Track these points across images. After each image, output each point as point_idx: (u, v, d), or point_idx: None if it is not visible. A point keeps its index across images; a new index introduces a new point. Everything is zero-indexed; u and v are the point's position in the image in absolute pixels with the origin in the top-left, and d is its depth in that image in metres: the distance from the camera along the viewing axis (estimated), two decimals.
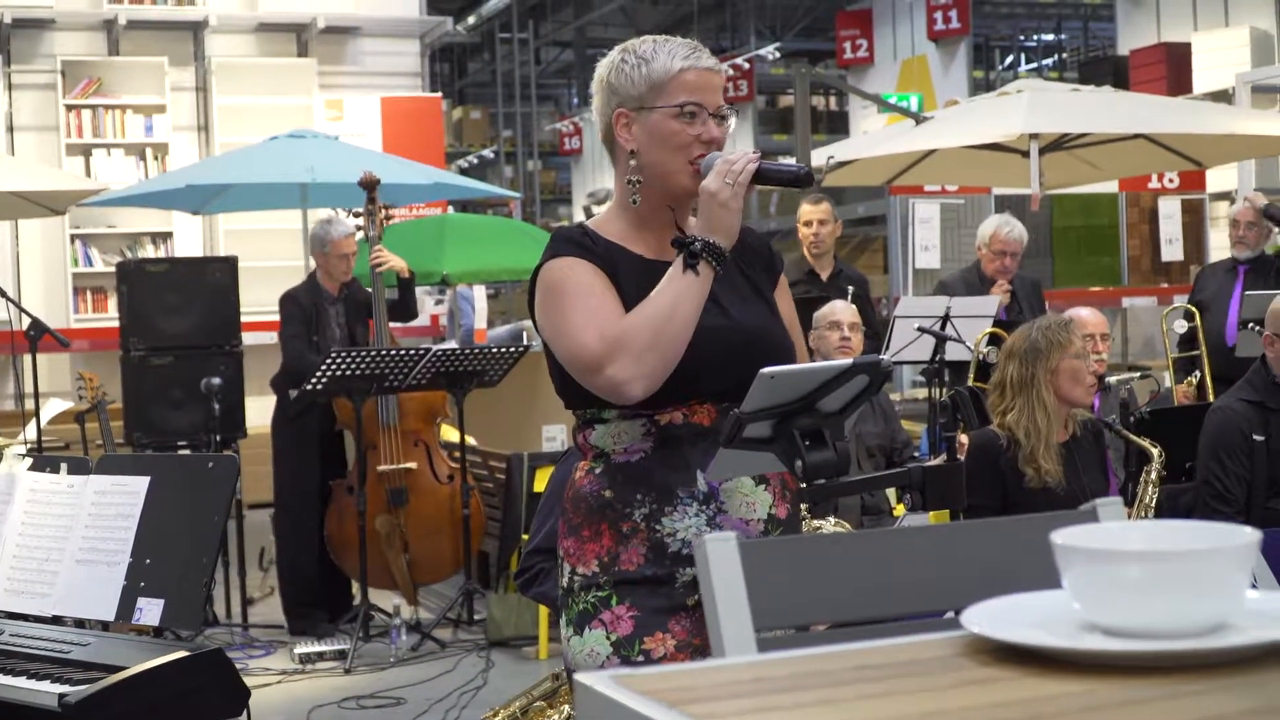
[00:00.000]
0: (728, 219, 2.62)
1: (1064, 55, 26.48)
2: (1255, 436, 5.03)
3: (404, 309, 7.65)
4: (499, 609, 7.08)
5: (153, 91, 12.41)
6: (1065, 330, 4.97)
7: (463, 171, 22.58)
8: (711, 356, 2.66)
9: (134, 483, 3.70)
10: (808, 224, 7.86)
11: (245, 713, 3.43)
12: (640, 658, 2.62)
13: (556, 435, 8.00)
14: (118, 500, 3.69)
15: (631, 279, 2.69)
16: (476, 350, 7.42)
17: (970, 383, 6.40)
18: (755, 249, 2.90)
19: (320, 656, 6.85)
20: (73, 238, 12.22)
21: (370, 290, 7.54)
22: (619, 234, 2.77)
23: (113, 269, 9.78)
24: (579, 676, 1.33)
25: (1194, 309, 7.99)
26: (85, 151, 12.30)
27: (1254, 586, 1.51)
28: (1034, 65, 27.05)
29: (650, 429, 2.68)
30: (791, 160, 2.27)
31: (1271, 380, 5.08)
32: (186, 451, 7.60)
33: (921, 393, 8.96)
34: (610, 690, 1.28)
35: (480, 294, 13.14)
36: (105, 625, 3.74)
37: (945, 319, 6.73)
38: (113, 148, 12.33)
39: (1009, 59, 27.61)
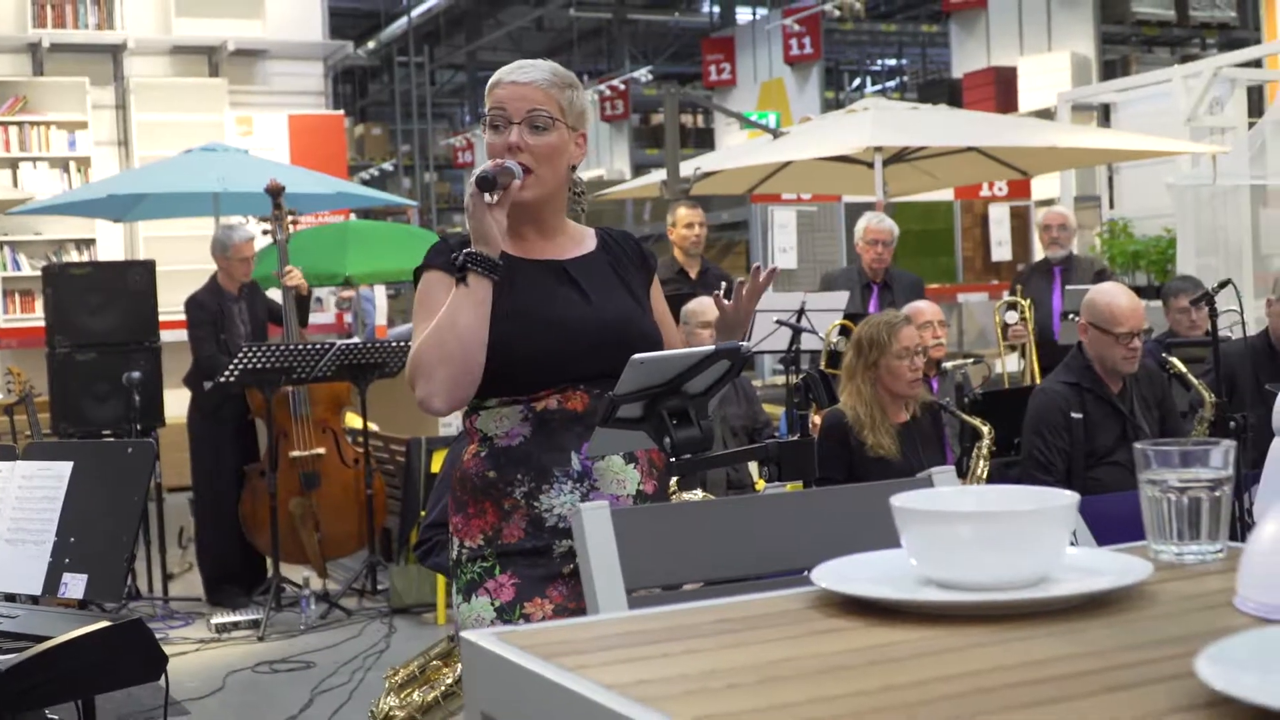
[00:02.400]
0: (475, 227, 2.59)
1: (905, 78, 26.77)
2: (1073, 414, 5.10)
3: (299, 319, 7.59)
4: (400, 579, 7.03)
5: (75, 109, 12.18)
6: (890, 332, 5.05)
7: (364, 183, 22.36)
8: (576, 343, 2.66)
9: (58, 467, 3.63)
10: (689, 226, 7.84)
11: (164, 677, 3.36)
12: (521, 621, 2.61)
13: (452, 421, 7.94)
14: (43, 484, 3.62)
15: (514, 277, 2.68)
16: (377, 344, 7.37)
17: (822, 368, 6.45)
18: (624, 248, 2.88)
19: (235, 626, 6.76)
20: (1, 244, 11.96)
21: (270, 291, 7.47)
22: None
23: (39, 272, 9.60)
24: (465, 634, 1.32)
25: (1022, 301, 8.10)
26: (12, 164, 12.04)
27: (1074, 544, 1.53)
28: (879, 87, 27.34)
29: (527, 415, 2.67)
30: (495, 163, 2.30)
31: (1087, 364, 5.16)
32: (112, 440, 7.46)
33: (780, 379, 9.01)
34: (493, 646, 1.28)
35: (381, 294, 13.03)
36: (35, 599, 3.66)
37: (800, 312, 6.76)
38: (38, 161, 12.10)
39: (856, 81, 27.91)
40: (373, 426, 7.62)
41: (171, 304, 9.50)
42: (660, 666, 1.20)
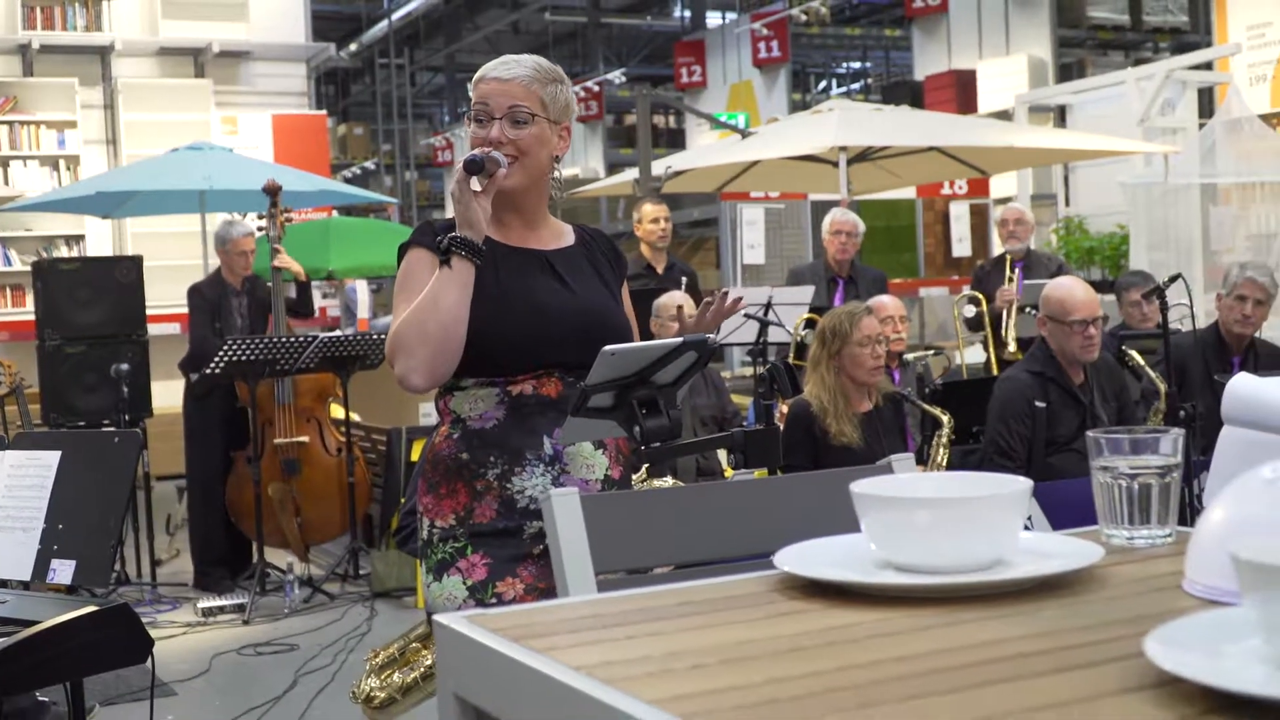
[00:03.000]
0: (461, 212, 2.59)
1: (869, 80, 26.80)
2: (1037, 403, 5.11)
3: (303, 306, 7.56)
4: (381, 564, 7.01)
5: (64, 109, 12.12)
6: (851, 321, 5.08)
7: (346, 181, 22.28)
8: (556, 329, 2.65)
9: (46, 456, 3.60)
10: (655, 221, 7.81)
11: (150, 660, 3.34)
12: (493, 600, 2.60)
13: (431, 411, 7.92)
14: (32, 472, 3.59)
15: (498, 262, 2.67)
16: (358, 337, 7.35)
17: (790, 360, 6.46)
18: (603, 248, 2.89)
19: (221, 610, 6.72)
20: None
21: (271, 286, 7.44)
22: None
23: (29, 268, 9.53)
24: (437, 617, 1.31)
25: (980, 296, 8.12)
26: (3, 163, 11.97)
27: (1029, 528, 1.53)
28: (844, 89, 27.37)
29: (503, 398, 2.65)
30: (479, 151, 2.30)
31: (1050, 354, 5.18)
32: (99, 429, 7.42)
33: (749, 370, 9.01)
34: (465, 629, 1.27)
35: (363, 288, 13.00)
36: (25, 585, 3.64)
37: (768, 306, 6.76)
38: (28, 159, 12.03)
39: (822, 83, 27.94)
40: (355, 416, 7.60)
41: (158, 298, 9.48)
42: (626, 648, 1.19)
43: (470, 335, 2.58)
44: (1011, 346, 7.87)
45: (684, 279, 7.48)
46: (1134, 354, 5.67)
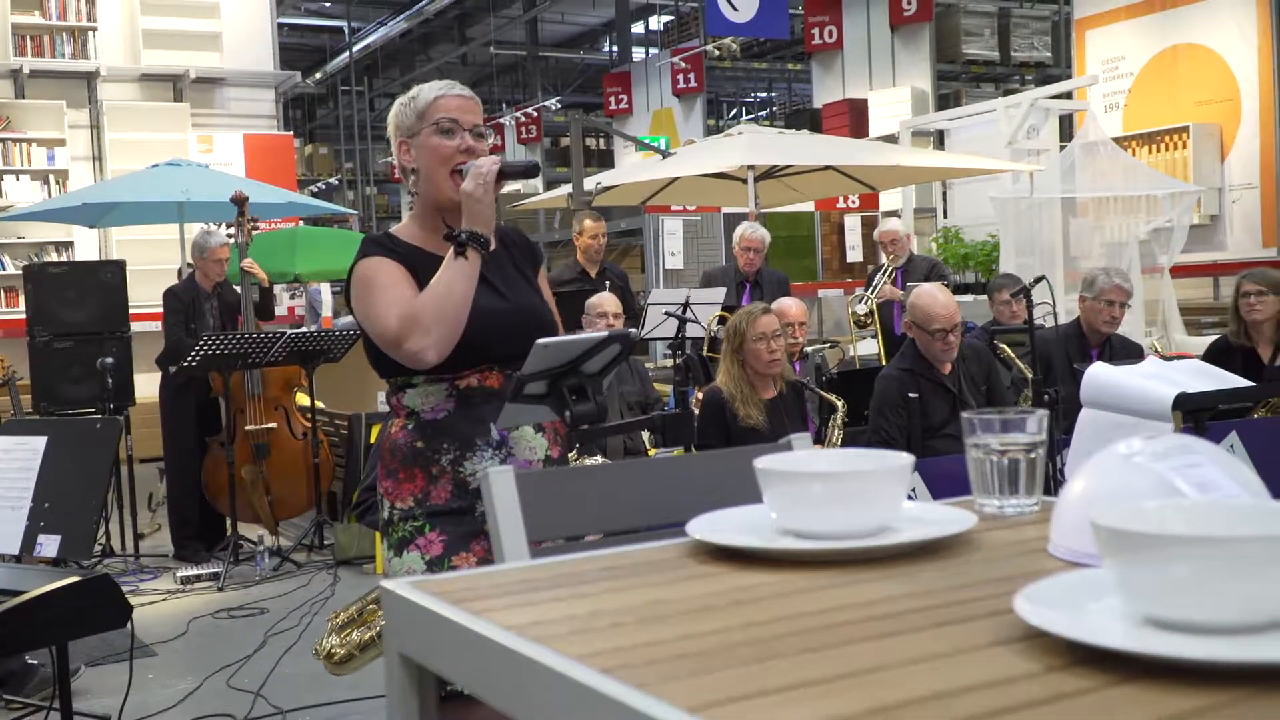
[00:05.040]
0: (484, 212, 2.55)
1: (774, 108, 26.95)
2: (910, 394, 5.13)
3: (264, 310, 7.44)
4: (343, 535, 6.94)
5: (54, 128, 11.89)
6: (748, 321, 5.12)
7: (312, 195, 22.04)
8: (495, 330, 2.61)
9: (34, 441, 3.53)
10: (594, 236, 7.79)
11: (130, 624, 3.27)
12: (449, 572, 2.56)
13: None
14: (20, 456, 3.52)
15: (429, 272, 2.61)
16: (323, 333, 7.25)
17: (705, 352, 6.46)
18: (519, 244, 2.84)
19: (198, 578, 6.62)
20: None
21: (240, 289, 7.33)
22: (414, 237, 2.70)
23: (20, 271, 9.36)
24: (384, 583, 1.29)
25: (870, 296, 8.16)
26: None
27: (913, 499, 1.52)
28: (752, 115, 27.47)
29: (452, 391, 2.62)
30: (525, 158, 2.27)
31: (918, 352, 5.21)
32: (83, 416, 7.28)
33: (669, 361, 9.01)
34: (409, 594, 1.25)
35: (326, 289, 12.86)
36: (17, 558, 3.56)
37: (686, 305, 6.76)
38: (20, 174, 11.79)
39: (733, 110, 28.04)
40: (319, 404, 7.51)
41: (140, 299, 9.32)
42: (553, 609, 1.17)
43: None
44: (875, 302, 8.01)
45: (612, 280, 7.47)
46: (1005, 347, 5.71)
